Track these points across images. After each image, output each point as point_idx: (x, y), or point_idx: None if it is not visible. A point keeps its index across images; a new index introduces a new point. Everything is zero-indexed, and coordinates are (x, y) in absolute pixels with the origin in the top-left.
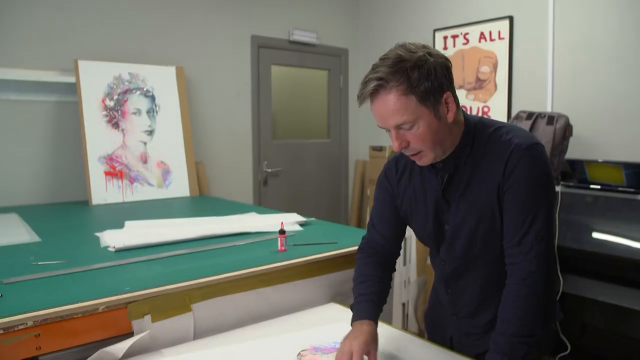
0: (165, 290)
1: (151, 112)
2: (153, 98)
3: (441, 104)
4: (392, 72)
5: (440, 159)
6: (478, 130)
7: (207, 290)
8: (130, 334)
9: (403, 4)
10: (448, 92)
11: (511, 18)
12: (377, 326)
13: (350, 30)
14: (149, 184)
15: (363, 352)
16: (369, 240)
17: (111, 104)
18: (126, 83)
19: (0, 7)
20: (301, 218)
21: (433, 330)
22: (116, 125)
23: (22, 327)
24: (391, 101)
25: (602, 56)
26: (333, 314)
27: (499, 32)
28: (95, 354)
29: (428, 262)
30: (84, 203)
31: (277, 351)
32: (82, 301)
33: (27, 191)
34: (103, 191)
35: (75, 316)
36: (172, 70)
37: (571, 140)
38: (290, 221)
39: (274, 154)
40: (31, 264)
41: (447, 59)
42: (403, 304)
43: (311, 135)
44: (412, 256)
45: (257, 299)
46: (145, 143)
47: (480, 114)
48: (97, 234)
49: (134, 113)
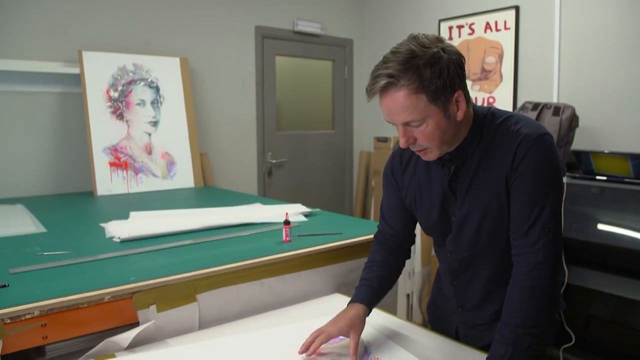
0: (170, 280)
1: (155, 103)
2: (157, 89)
3: (451, 103)
4: (404, 70)
5: (446, 152)
6: (487, 121)
7: (212, 280)
8: (135, 324)
9: None
10: (459, 91)
11: (517, 8)
12: (370, 309)
13: (355, 20)
14: (154, 175)
15: (332, 337)
16: (381, 231)
17: (115, 95)
18: (130, 74)
19: None
20: (306, 209)
21: (436, 321)
22: (120, 116)
23: (29, 317)
24: (400, 99)
25: (609, 46)
26: (338, 305)
27: (505, 22)
28: (101, 344)
29: (433, 254)
30: (89, 194)
31: (282, 341)
32: (88, 291)
33: (33, 182)
34: (108, 182)
35: (81, 306)
36: (177, 61)
37: (577, 131)
38: (294, 212)
39: (279, 145)
40: (37, 254)
41: (461, 55)
42: (407, 295)
43: (316, 126)
44: (417, 247)
45: (262, 290)
46: (149, 134)
47: (485, 105)
48: (102, 225)
49: (139, 104)
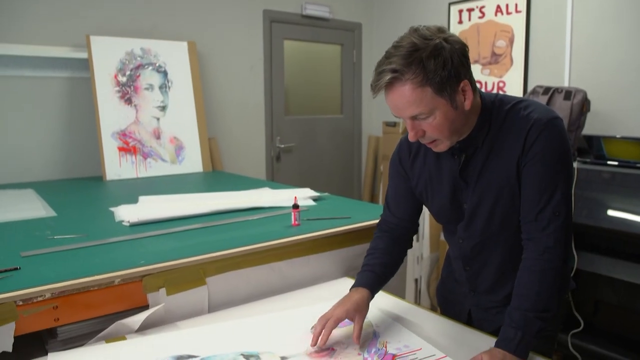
0: (179, 264)
1: (164, 88)
2: (165, 73)
3: (458, 93)
4: (407, 64)
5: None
6: (495, 108)
7: (222, 264)
8: (145, 307)
9: None
10: (465, 81)
11: None
12: (373, 295)
13: (364, 4)
14: (162, 160)
15: (340, 320)
16: (385, 219)
17: (123, 80)
18: (138, 58)
19: None
20: (314, 193)
21: (446, 304)
22: (129, 100)
23: (41, 299)
24: (406, 93)
25: (622, 30)
26: (346, 289)
27: (516, 5)
28: (111, 326)
29: (441, 239)
30: (98, 179)
31: (291, 324)
32: (98, 274)
33: (42, 167)
34: (117, 167)
35: (91, 289)
36: (184, 45)
37: (589, 115)
38: (303, 196)
39: (287, 130)
40: (48, 238)
41: (464, 44)
42: (416, 280)
43: (324, 110)
44: (426, 232)
45: (271, 273)
46: (158, 119)
47: (495, 90)
48: (112, 209)
49: (147, 88)
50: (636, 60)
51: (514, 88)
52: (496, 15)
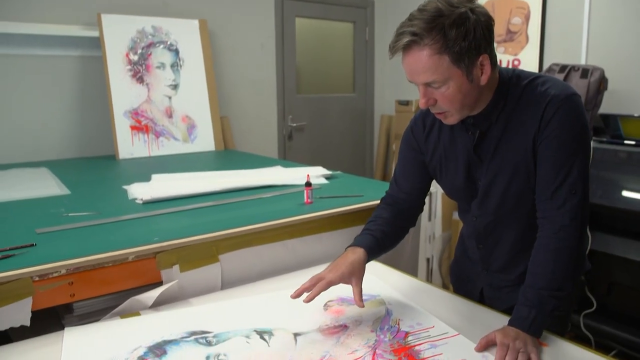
0: (193, 240)
1: (175, 66)
2: (177, 52)
3: (476, 66)
4: (428, 29)
5: (466, 117)
6: (512, 84)
7: (235, 241)
8: (159, 283)
9: None
10: (485, 55)
11: None
12: (370, 258)
13: None
14: (175, 139)
15: (333, 284)
16: (390, 194)
17: (135, 58)
18: (149, 37)
19: None
20: (327, 171)
21: (459, 283)
22: (140, 79)
23: (56, 275)
24: (423, 58)
25: None
26: None
27: None
28: (126, 302)
29: (454, 218)
30: (111, 157)
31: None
32: (112, 251)
33: (56, 146)
34: (129, 145)
35: (105, 265)
36: (195, 23)
37: (606, 94)
38: (315, 174)
39: (299, 108)
40: (62, 216)
41: (490, 17)
42: (427, 259)
43: (336, 89)
44: (438, 211)
45: (284, 251)
46: (170, 97)
47: (510, 67)
48: (125, 187)
49: (158, 67)
50: None
51: (529, 66)
52: None
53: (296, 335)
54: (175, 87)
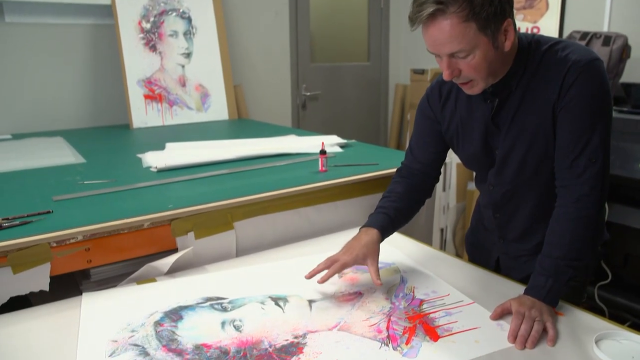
0: (207, 208)
1: (188, 35)
2: (189, 20)
3: (500, 32)
4: None
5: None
6: (531, 50)
7: (249, 208)
8: (174, 250)
9: None
10: (509, 19)
11: None
12: (384, 237)
13: None
14: (188, 108)
15: (347, 267)
16: (406, 165)
17: (147, 26)
18: (162, 4)
19: None
20: (341, 140)
21: (474, 252)
22: (153, 48)
23: (73, 241)
24: (448, 28)
25: None
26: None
27: None
28: (142, 268)
29: (469, 188)
30: (125, 127)
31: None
32: (128, 217)
33: (70, 115)
34: (143, 114)
35: (121, 232)
36: None
37: (628, 62)
38: (330, 143)
39: (313, 77)
40: (78, 183)
41: None
42: (441, 230)
43: (350, 58)
44: (452, 182)
45: (298, 219)
46: (183, 66)
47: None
48: (139, 155)
49: (171, 35)
50: None
51: (549, 34)
52: None
53: (311, 302)
54: (188, 56)
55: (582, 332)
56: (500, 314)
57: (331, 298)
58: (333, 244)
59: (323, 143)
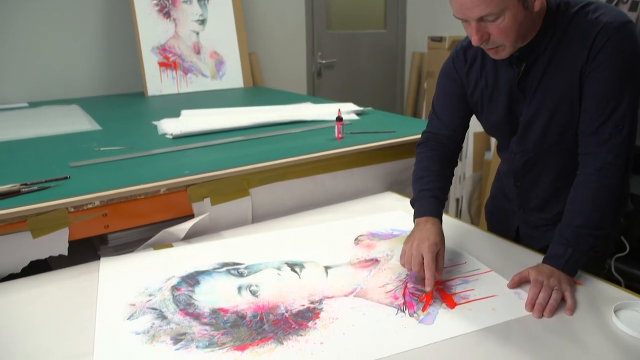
0: (223, 174)
1: (202, 1)
2: None
3: None
4: None
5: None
6: (560, 12)
7: (265, 175)
8: (190, 216)
9: None
10: None
11: None
12: (442, 223)
13: None
14: (203, 75)
15: (434, 255)
16: (431, 132)
17: None
18: None
19: None
20: (358, 107)
21: (494, 221)
22: (167, 14)
23: (90, 207)
24: None
25: None
26: (390, 203)
27: None
28: (158, 234)
29: (485, 158)
30: (140, 94)
31: (335, 235)
32: (144, 183)
33: (86, 83)
34: (158, 82)
35: (138, 197)
36: None
37: None
38: (346, 110)
39: (328, 45)
40: (94, 150)
41: None
42: (457, 200)
43: (367, 25)
44: (469, 151)
45: (314, 186)
46: (197, 33)
47: None
48: (155, 123)
49: (185, 1)
50: None
51: None
52: None
53: (327, 268)
54: (202, 22)
55: (601, 302)
56: (518, 283)
57: (347, 265)
58: (350, 211)
59: (340, 110)
